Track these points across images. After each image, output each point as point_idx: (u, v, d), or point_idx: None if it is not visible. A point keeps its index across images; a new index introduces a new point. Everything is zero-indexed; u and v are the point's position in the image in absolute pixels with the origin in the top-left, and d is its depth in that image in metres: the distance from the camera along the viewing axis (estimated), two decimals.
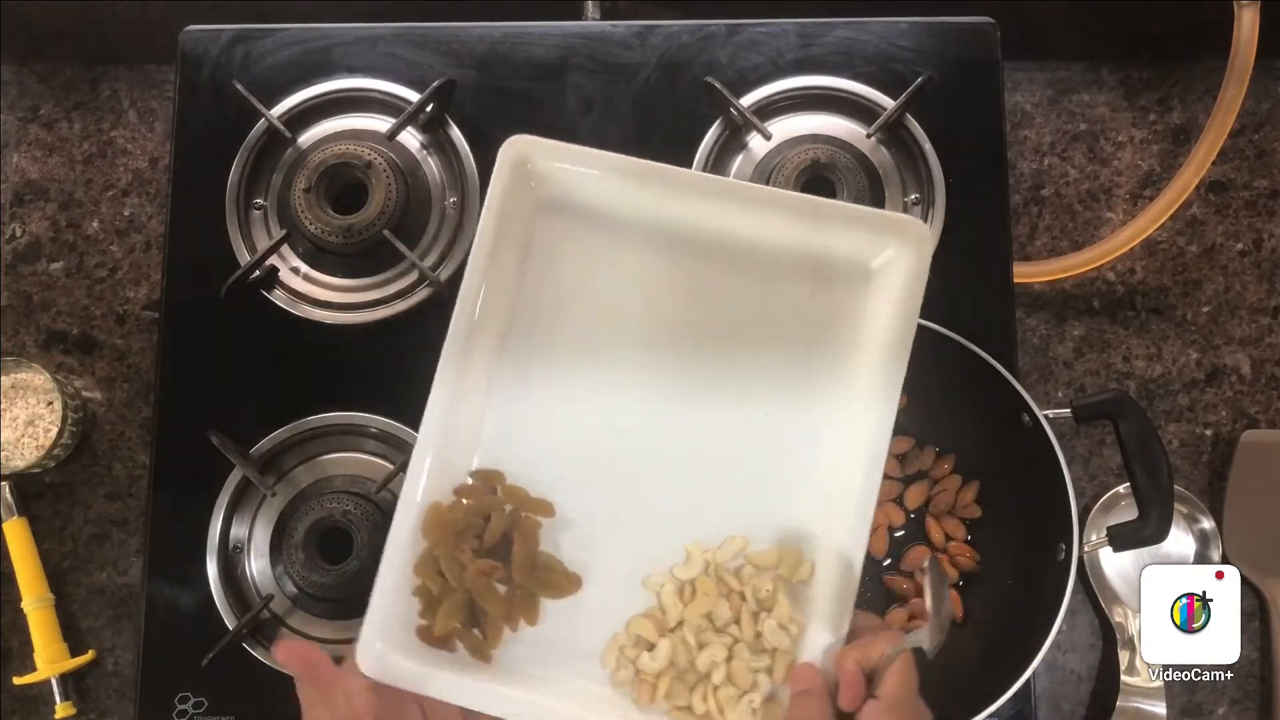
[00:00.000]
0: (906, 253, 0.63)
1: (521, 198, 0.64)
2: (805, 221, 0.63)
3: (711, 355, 0.64)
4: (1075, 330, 0.93)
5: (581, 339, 0.65)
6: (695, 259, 0.65)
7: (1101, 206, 0.95)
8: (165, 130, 0.95)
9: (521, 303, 0.64)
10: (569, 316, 0.65)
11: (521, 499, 0.62)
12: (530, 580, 0.61)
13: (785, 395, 0.64)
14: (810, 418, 0.64)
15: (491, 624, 0.60)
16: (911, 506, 0.79)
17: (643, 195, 0.64)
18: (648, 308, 0.65)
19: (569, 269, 0.65)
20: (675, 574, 0.62)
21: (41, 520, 0.89)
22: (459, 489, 0.62)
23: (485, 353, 0.63)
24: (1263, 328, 0.93)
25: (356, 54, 0.84)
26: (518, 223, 0.64)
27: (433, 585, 0.59)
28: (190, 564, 0.77)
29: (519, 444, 0.64)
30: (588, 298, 0.65)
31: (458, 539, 0.60)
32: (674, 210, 0.64)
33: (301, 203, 0.80)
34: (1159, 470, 0.71)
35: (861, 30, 0.84)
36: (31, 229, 0.94)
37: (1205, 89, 0.96)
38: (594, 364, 0.64)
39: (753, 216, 0.64)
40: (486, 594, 0.60)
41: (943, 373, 0.73)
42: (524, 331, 0.64)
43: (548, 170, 0.64)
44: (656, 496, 0.63)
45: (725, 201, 0.64)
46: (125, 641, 0.87)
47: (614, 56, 0.84)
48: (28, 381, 0.87)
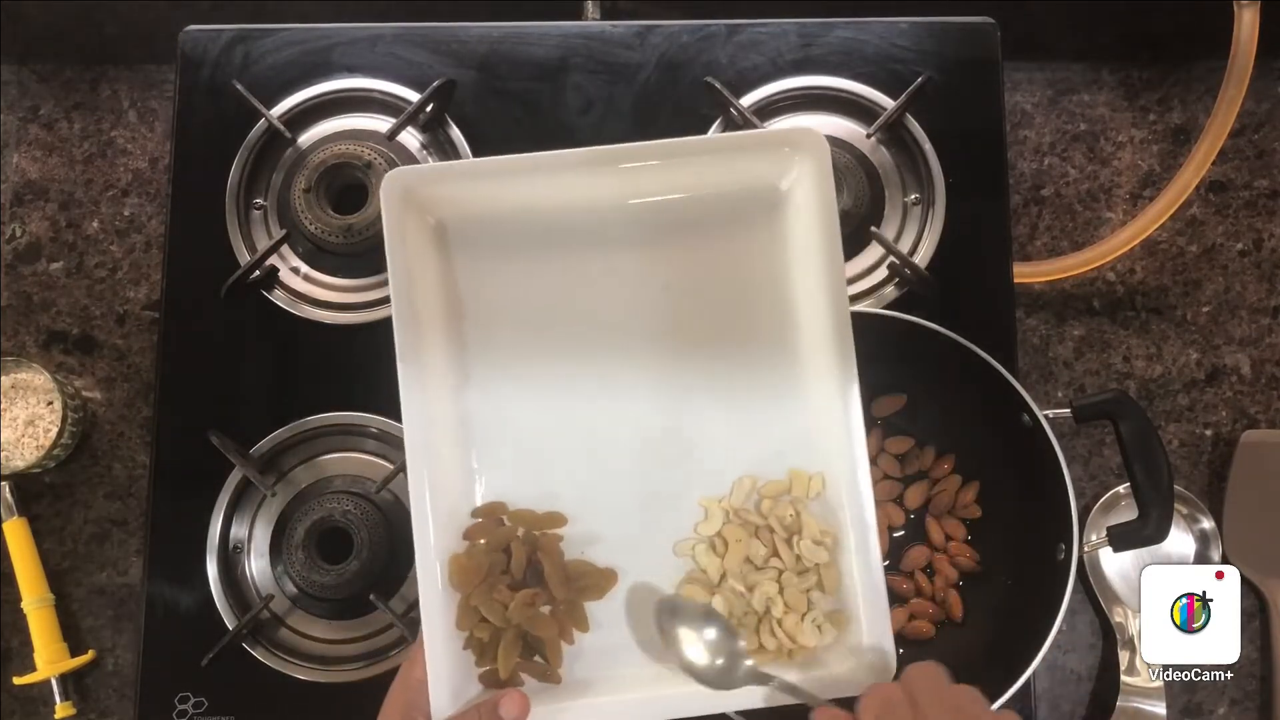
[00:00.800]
0: (809, 163, 0.63)
1: (421, 232, 0.63)
2: (708, 162, 0.63)
3: (663, 322, 0.65)
4: (1075, 330, 0.93)
5: (538, 346, 0.64)
6: (620, 234, 0.64)
7: (1101, 206, 0.95)
8: (165, 130, 0.95)
9: (467, 333, 0.64)
10: (519, 329, 0.64)
11: (531, 519, 0.62)
12: (570, 591, 0.61)
13: (743, 338, 0.65)
14: (772, 350, 0.65)
15: (550, 646, 0.60)
16: (911, 506, 0.79)
17: (542, 188, 0.63)
18: (592, 296, 0.64)
19: (502, 283, 0.64)
20: (701, 532, 0.63)
21: (41, 520, 0.89)
22: (468, 532, 0.61)
23: (445, 398, 0.63)
24: (1263, 328, 0.93)
25: (356, 54, 0.84)
26: (429, 257, 0.63)
27: (482, 633, 0.59)
28: (190, 564, 0.77)
29: (508, 467, 0.63)
30: (530, 305, 0.64)
31: (489, 581, 0.60)
32: (582, 193, 0.63)
33: (301, 203, 0.80)
34: (1159, 470, 0.71)
35: (861, 30, 0.84)
36: (31, 229, 0.94)
37: (1205, 89, 0.96)
38: (555, 366, 0.64)
39: (658, 175, 0.63)
40: (536, 621, 0.60)
41: (943, 373, 0.74)
42: (481, 357, 0.64)
43: (435, 196, 0.62)
44: (653, 471, 0.64)
45: (625, 168, 0.63)
46: (125, 641, 0.87)
47: (614, 56, 0.84)
48: (28, 381, 0.87)
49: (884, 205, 0.82)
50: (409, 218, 0.62)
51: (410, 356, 0.60)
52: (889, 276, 0.81)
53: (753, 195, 0.64)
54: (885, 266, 0.81)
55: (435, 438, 0.61)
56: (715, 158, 0.63)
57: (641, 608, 0.62)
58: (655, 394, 0.64)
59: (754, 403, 0.65)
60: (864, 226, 0.80)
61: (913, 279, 0.80)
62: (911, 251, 0.81)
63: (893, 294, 0.81)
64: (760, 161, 0.63)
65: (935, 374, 0.74)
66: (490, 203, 0.63)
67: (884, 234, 0.81)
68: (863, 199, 0.80)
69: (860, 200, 0.79)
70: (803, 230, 0.63)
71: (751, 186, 0.64)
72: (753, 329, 0.65)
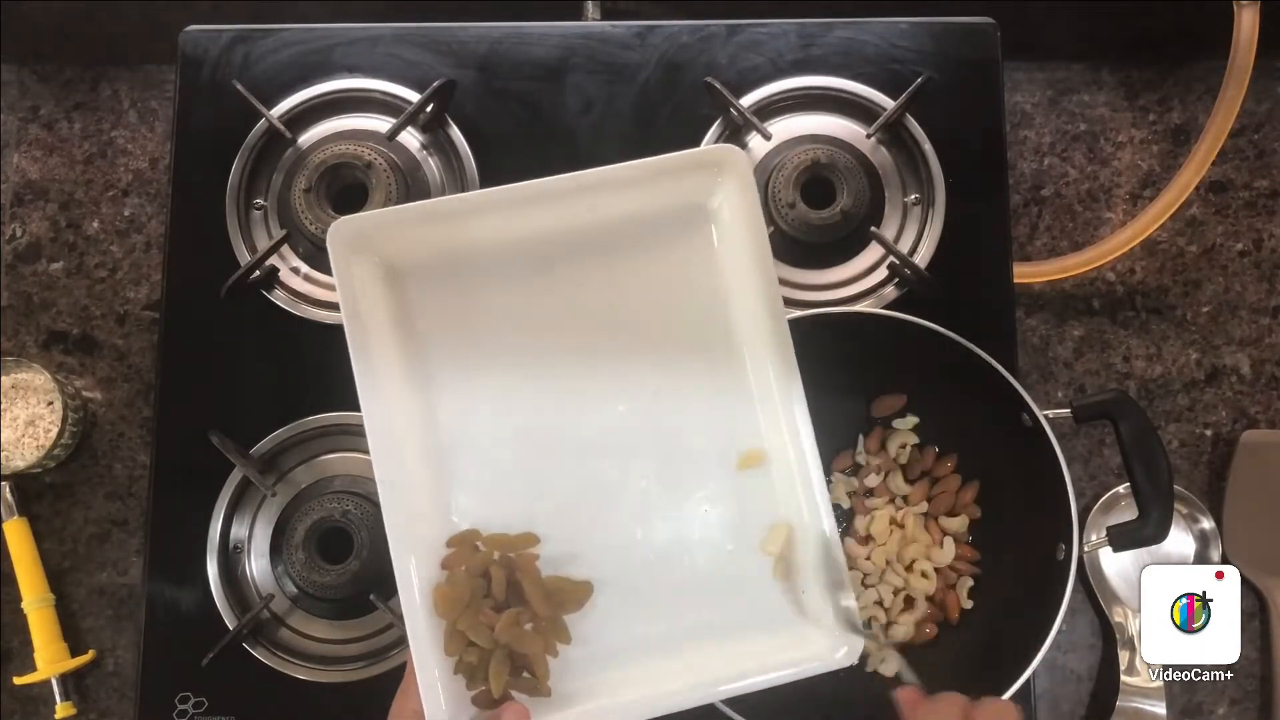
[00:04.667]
0: (732, 180, 0.66)
1: (370, 276, 0.65)
2: (638, 187, 0.66)
3: (613, 340, 0.68)
4: (1075, 330, 0.93)
5: (497, 374, 0.67)
6: (564, 260, 0.67)
7: (1101, 206, 0.95)
8: (165, 130, 0.95)
9: (427, 367, 0.66)
10: (477, 359, 0.67)
11: (504, 542, 0.64)
12: (551, 607, 0.62)
13: (690, 348, 0.68)
14: (718, 355, 0.68)
15: (536, 661, 0.62)
16: (912, 506, 0.79)
17: (480, 226, 0.66)
18: (543, 320, 0.67)
19: (456, 316, 0.67)
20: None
21: (41, 520, 0.89)
22: (445, 561, 0.63)
23: (412, 432, 0.64)
24: (1263, 328, 0.93)
25: (356, 54, 0.84)
26: (380, 298, 0.65)
27: (471, 657, 0.61)
28: (190, 564, 0.77)
29: (479, 492, 0.65)
30: (486, 334, 0.67)
31: (472, 606, 0.61)
32: (521, 226, 0.66)
33: (301, 203, 0.80)
34: (1159, 470, 0.71)
35: (861, 30, 0.84)
36: (32, 229, 0.94)
37: (1205, 89, 0.96)
38: (515, 391, 0.67)
39: (591, 203, 0.66)
40: (522, 639, 0.61)
41: (943, 373, 0.73)
42: (443, 388, 0.66)
43: (379, 240, 0.65)
44: (614, 480, 0.67)
45: (558, 201, 0.66)
46: (125, 641, 0.87)
47: (614, 56, 0.84)
48: (28, 381, 0.87)
49: (884, 205, 0.82)
50: (356, 262, 0.64)
51: (371, 394, 0.63)
52: (889, 276, 0.81)
53: (684, 215, 0.68)
54: (885, 266, 0.81)
55: (405, 473, 0.63)
56: (644, 183, 0.66)
57: (612, 614, 0.65)
58: (611, 407, 0.67)
59: (705, 404, 0.68)
60: (864, 226, 0.81)
61: (913, 279, 0.80)
62: (911, 251, 0.81)
63: (893, 294, 0.81)
64: (687, 183, 0.67)
65: (935, 374, 0.74)
66: (433, 243, 0.66)
67: (884, 234, 0.81)
68: (863, 199, 0.80)
69: (860, 200, 0.79)
70: (734, 244, 0.67)
71: (682, 206, 0.68)
72: (698, 338, 0.68)
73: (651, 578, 0.66)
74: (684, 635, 0.66)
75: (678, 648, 0.65)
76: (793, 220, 0.79)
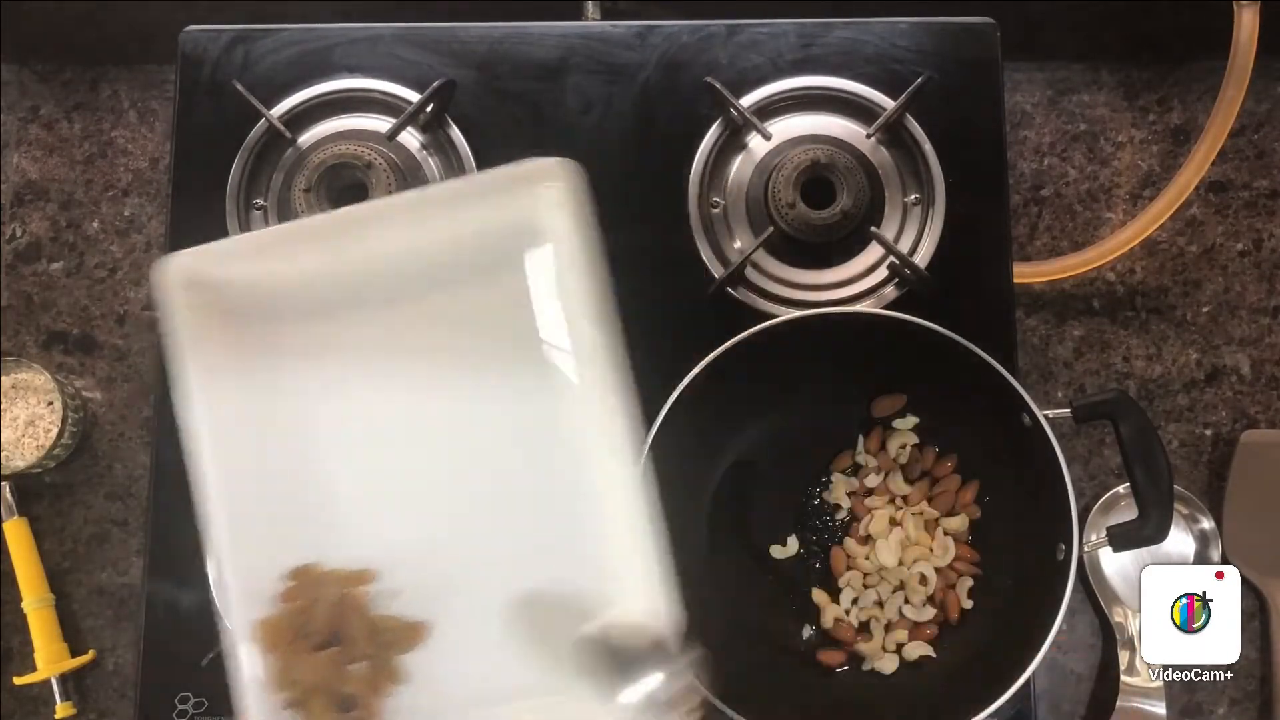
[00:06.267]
0: (555, 193, 0.64)
1: (200, 312, 0.64)
2: (462, 208, 0.65)
3: (456, 363, 0.65)
4: (1075, 330, 0.93)
5: (340, 405, 0.65)
6: (400, 282, 0.65)
7: (1101, 206, 0.95)
8: (165, 130, 0.95)
9: (266, 399, 0.65)
10: (318, 391, 0.65)
11: (339, 578, 0.63)
12: (378, 646, 0.62)
13: (528, 368, 0.65)
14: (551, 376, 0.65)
15: (363, 701, 0.61)
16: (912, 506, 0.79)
17: (314, 255, 0.64)
18: (383, 348, 0.65)
19: (292, 348, 0.65)
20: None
21: (41, 520, 0.89)
22: (283, 595, 0.62)
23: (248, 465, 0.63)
24: (1263, 328, 0.93)
25: (356, 54, 0.84)
26: (210, 337, 0.64)
27: (295, 693, 0.60)
28: (190, 564, 0.77)
29: (319, 527, 0.64)
30: (325, 365, 0.65)
31: (294, 642, 0.61)
32: (355, 254, 0.64)
33: (301, 203, 0.80)
34: (1159, 470, 0.71)
35: (861, 30, 0.84)
36: (31, 229, 0.94)
37: (1205, 89, 0.96)
38: (359, 426, 0.65)
39: (420, 226, 0.64)
40: (343, 678, 0.61)
41: (943, 373, 0.73)
42: (286, 420, 0.65)
43: (211, 276, 0.64)
44: (459, 517, 0.64)
45: (387, 226, 0.64)
46: (125, 641, 0.87)
47: (614, 56, 0.84)
48: (28, 381, 0.87)
49: (884, 205, 0.82)
50: (191, 300, 0.63)
51: (204, 432, 0.62)
52: (889, 276, 0.81)
53: (516, 230, 0.65)
54: (885, 266, 0.81)
55: (241, 507, 0.62)
56: (469, 202, 0.65)
57: (459, 648, 0.63)
58: (446, 448, 0.65)
59: (543, 430, 0.65)
60: (864, 226, 0.80)
61: (913, 279, 0.80)
62: (911, 251, 0.81)
63: (893, 294, 0.81)
64: (514, 198, 0.65)
65: (935, 374, 0.74)
66: (265, 276, 0.64)
67: (884, 234, 0.80)
68: (863, 199, 0.80)
69: (860, 200, 0.79)
70: (565, 256, 0.65)
71: (513, 222, 0.65)
72: (535, 357, 0.65)
73: (500, 622, 0.63)
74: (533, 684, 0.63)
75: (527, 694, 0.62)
76: (792, 220, 0.79)
